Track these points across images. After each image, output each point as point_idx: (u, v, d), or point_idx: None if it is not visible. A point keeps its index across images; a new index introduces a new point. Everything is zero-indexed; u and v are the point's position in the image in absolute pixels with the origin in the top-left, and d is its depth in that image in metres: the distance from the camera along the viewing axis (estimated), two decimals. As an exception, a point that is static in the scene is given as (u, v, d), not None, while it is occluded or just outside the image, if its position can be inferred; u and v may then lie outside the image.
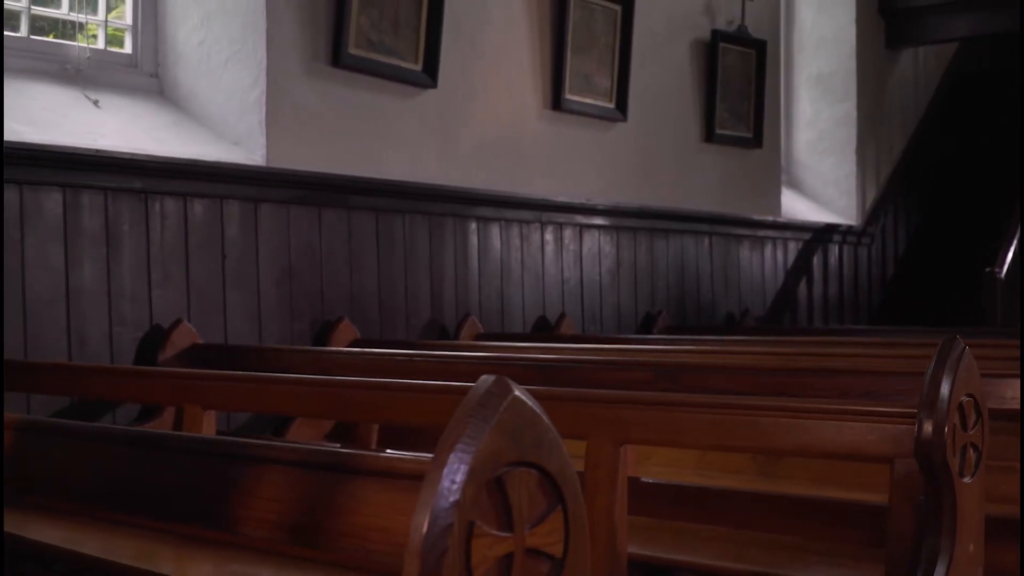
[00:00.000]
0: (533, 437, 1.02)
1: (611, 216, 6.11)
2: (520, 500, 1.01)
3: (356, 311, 4.84)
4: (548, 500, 1.04)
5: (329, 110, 4.77)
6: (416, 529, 0.94)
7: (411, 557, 0.92)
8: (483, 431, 0.97)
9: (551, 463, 1.04)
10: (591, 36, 5.93)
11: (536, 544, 1.02)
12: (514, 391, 1.02)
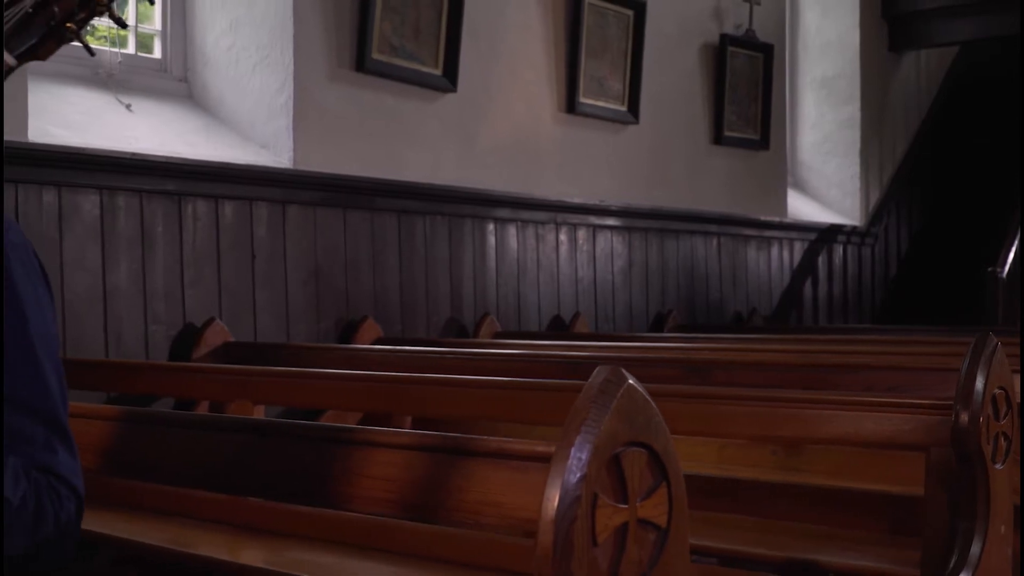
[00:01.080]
0: (643, 420, 1.15)
1: (623, 217, 6.24)
2: (633, 476, 1.13)
3: (379, 310, 4.95)
4: (655, 476, 1.16)
5: (353, 114, 4.88)
6: (549, 501, 1.05)
7: (545, 525, 1.04)
8: (603, 415, 1.10)
9: (658, 443, 1.16)
10: (604, 41, 6.05)
11: (646, 515, 1.14)
12: (628, 380, 1.14)
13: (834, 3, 8.23)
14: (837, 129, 8.26)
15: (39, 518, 1.31)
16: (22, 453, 1.32)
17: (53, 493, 1.34)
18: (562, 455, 1.07)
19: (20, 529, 1.29)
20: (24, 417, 1.34)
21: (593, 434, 1.08)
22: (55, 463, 1.36)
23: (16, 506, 1.29)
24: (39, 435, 1.35)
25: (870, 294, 8.52)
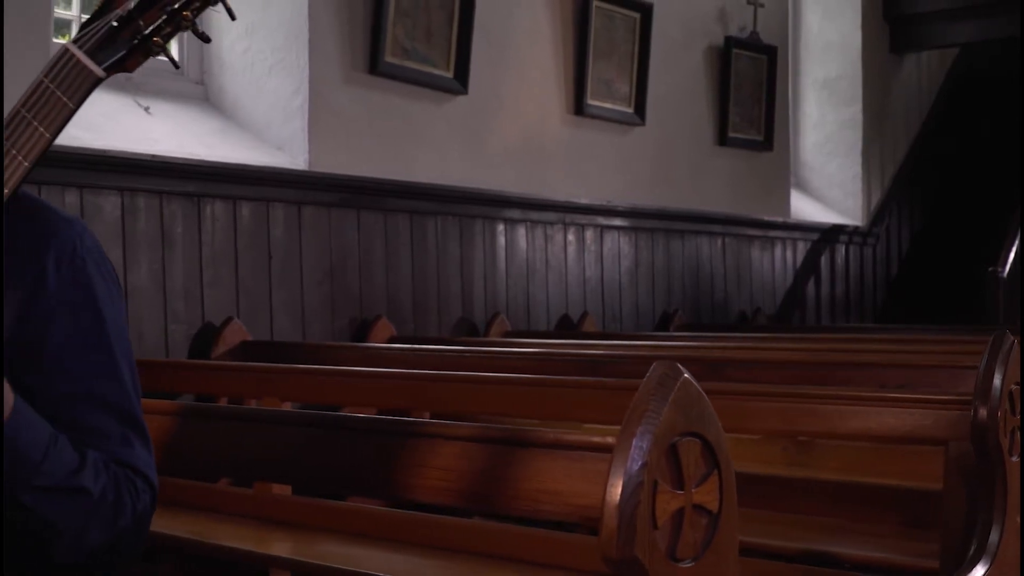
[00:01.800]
0: (697, 412, 1.22)
1: (630, 217, 6.31)
2: (688, 464, 1.21)
3: (392, 309, 5.02)
4: (707, 465, 1.24)
5: (367, 116, 4.95)
6: (613, 487, 1.13)
7: (610, 510, 1.12)
8: (662, 407, 1.17)
9: (710, 433, 1.23)
10: (612, 43, 6.13)
11: (699, 501, 1.22)
12: (683, 374, 1.21)
13: (836, 5, 8.30)
14: (839, 130, 8.34)
15: (118, 510, 1.38)
16: (100, 448, 1.39)
17: (130, 485, 1.41)
18: (625, 444, 1.15)
19: (101, 520, 1.36)
20: (102, 413, 1.41)
21: (653, 424, 1.16)
22: (131, 456, 1.42)
23: (97, 498, 1.36)
24: (116, 430, 1.42)
25: (872, 294, 8.60)
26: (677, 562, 1.20)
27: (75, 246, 1.43)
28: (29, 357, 1.36)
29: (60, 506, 1.32)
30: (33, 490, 1.29)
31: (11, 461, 1.28)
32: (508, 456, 1.41)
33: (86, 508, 1.34)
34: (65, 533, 1.33)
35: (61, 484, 1.32)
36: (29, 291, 1.37)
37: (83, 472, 1.35)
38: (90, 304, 1.42)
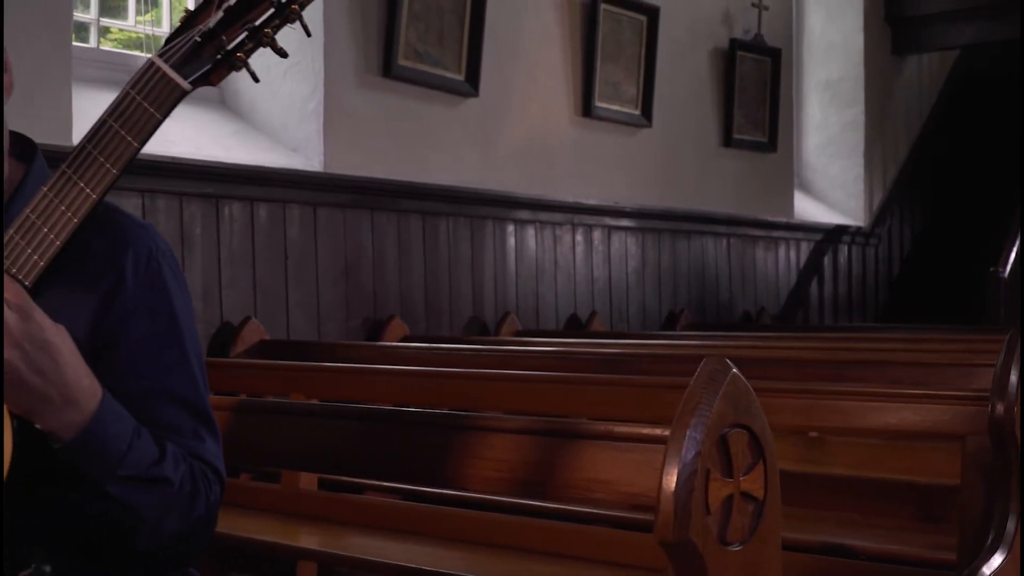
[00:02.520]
0: (745, 404, 1.30)
1: (637, 218, 6.38)
2: (737, 453, 1.28)
3: (405, 309, 5.09)
4: (753, 455, 1.31)
5: (380, 118, 5.02)
6: (668, 475, 1.20)
7: (666, 496, 1.19)
8: (713, 399, 1.25)
9: (756, 425, 1.31)
10: (619, 46, 6.20)
11: (747, 488, 1.29)
12: (732, 369, 1.29)
13: (838, 7, 8.38)
14: (841, 131, 8.42)
15: (194, 500, 1.45)
16: (174, 441, 1.46)
17: (204, 477, 1.48)
18: (679, 435, 1.22)
19: (179, 510, 1.43)
20: (176, 409, 1.48)
21: (706, 416, 1.23)
22: (203, 450, 1.50)
23: (176, 487, 1.43)
24: (188, 425, 1.49)
25: (874, 294, 8.68)
26: (726, 546, 1.28)
27: (151, 251, 1.50)
28: (108, 355, 1.43)
29: (143, 495, 1.39)
30: (119, 480, 1.36)
31: (99, 453, 1.35)
32: (560, 447, 1.49)
33: (167, 497, 1.41)
34: (147, 521, 1.40)
35: (144, 474, 1.39)
36: (108, 293, 1.45)
37: (164, 463, 1.42)
38: (165, 306, 1.49)
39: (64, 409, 1.32)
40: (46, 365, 1.30)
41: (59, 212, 1.32)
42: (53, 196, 1.33)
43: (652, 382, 2.57)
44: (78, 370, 1.33)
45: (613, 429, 1.47)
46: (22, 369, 1.28)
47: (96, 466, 1.35)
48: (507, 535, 2.58)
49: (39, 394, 1.30)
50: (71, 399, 1.32)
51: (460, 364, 3.71)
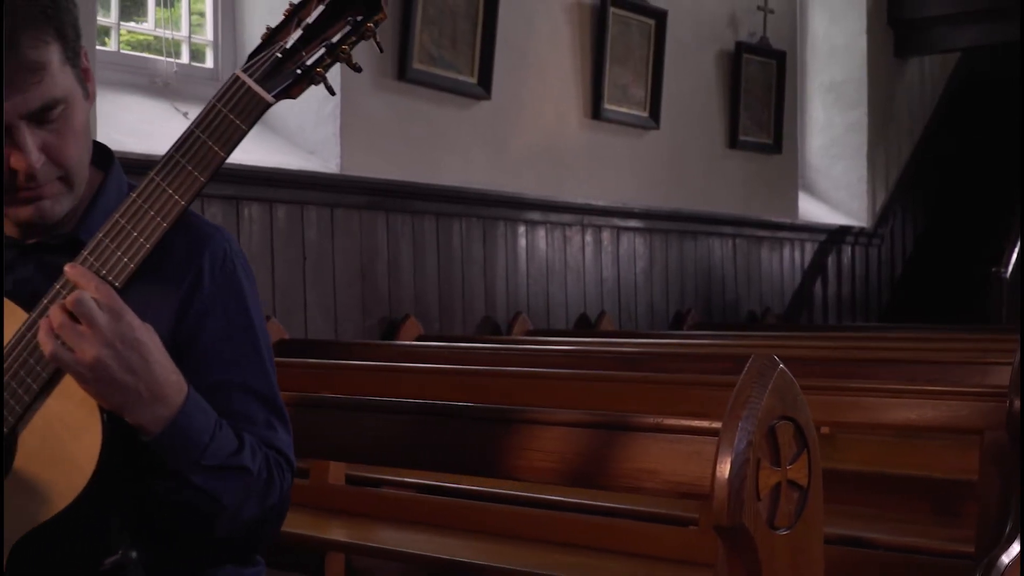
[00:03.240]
0: (791, 398, 1.38)
1: (645, 219, 6.47)
2: (784, 444, 1.37)
3: (419, 308, 5.17)
4: (798, 445, 1.40)
5: (395, 121, 5.10)
6: (722, 464, 1.29)
7: (720, 484, 1.27)
8: (763, 393, 1.33)
9: (800, 417, 1.39)
10: (628, 49, 6.28)
11: (793, 477, 1.38)
12: (779, 365, 1.37)
13: (842, 10, 8.47)
14: (844, 133, 8.50)
15: (269, 487, 1.53)
16: (248, 431, 1.54)
17: (277, 465, 1.56)
18: (731, 426, 1.31)
19: (256, 497, 1.51)
20: (250, 400, 1.56)
21: (756, 409, 1.32)
22: (276, 439, 1.57)
23: (255, 475, 1.51)
24: (261, 415, 1.56)
25: (876, 294, 8.76)
26: (775, 530, 1.36)
27: (226, 251, 1.59)
28: (187, 351, 1.50)
29: (224, 484, 1.47)
30: (202, 470, 1.44)
31: (184, 445, 1.42)
32: (610, 439, 1.57)
33: (246, 485, 1.49)
34: (228, 508, 1.48)
35: (225, 464, 1.47)
36: (187, 291, 1.52)
37: (243, 453, 1.50)
38: (240, 303, 1.58)
39: (153, 405, 1.40)
40: (136, 363, 1.37)
41: (148, 217, 1.40)
42: (142, 202, 1.41)
43: (695, 380, 2.66)
44: (165, 367, 1.41)
45: (663, 421, 1.55)
46: (114, 367, 1.36)
47: (181, 457, 1.43)
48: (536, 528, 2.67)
49: (130, 391, 1.38)
50: (159, 395, 1.40)
51: (481, 363, 3.78)
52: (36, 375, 1.37)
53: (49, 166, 1.47)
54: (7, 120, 1.43)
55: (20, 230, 1.54)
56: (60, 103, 1.47)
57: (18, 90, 1.42)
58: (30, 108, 1.44)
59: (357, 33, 1.42)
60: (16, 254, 1.54)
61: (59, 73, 1.46)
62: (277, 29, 1.43)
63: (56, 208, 1.51)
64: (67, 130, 1.49)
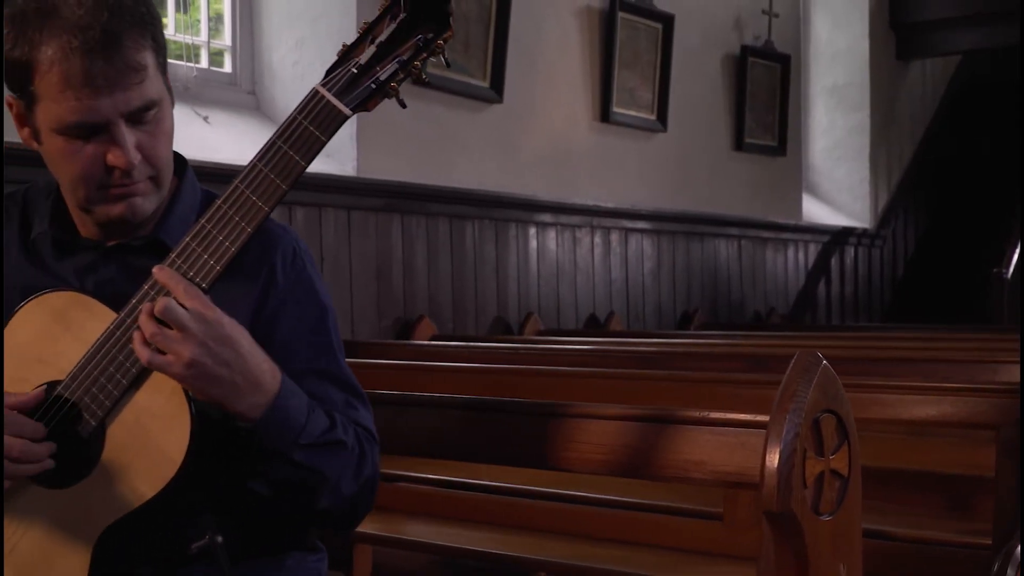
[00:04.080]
0: (834, 392, 1.47)
1: (653, 220, 6.55)
2: (827, 435, 1.45)
3: (433, 309, 5.26)
4: (839, 437, 1.48)
5: (409, 124, 5.18)
6: (771, 454, 1.37)
7: (770, 472, 1.36)
8: (808, 388, 1.42)
9: (842, 410, 1.48)
10: (636, 53, 6.37)
11: (835, 467, 1.46)
12: (823, 362, 1.46)
13: (844, 14, 8.56)
14: (847, 135, 8.59)
15: (362, 460, 1.61)
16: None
17: (366, 439, 1.64)
18: (779, 419, 1.39)
19: (353, 469, 1.59)
20: (327, 384, 1.64)
21: (802, 402, 1.40)
22: (358, 416, 1.66)
23: (350, 449, 1.60)
24: (339, 397, 1.65)
25: (879, 294, 8.86)
26: (819, 515, 1.45)
27: (295, 249, 1.68)
28: (265, 342, 1.59)
29: (324, 458, 1.56)
30: (302, 448, 1.53)
31: (283, 426, 1.51)
32: (657, 432, 1.65)
33: (344, 458, 1.58)
34: (330, 480, 1.57)
35: (321, 440, 1.56)
36: (262, 288, 1.61)
37: (336, 428, 1.59)
38: (311, 295, 1.67)
39: (251, 393, 1.48)
40: (230, 357, 1.46)
41: (234, 222, 1.49)
42: (227, 208, 1.50)
43: (723, 379, 2.76)
44: (257, 357, 1.50)
45: (708, 415, 1.63)
46: (209, 364, 1.44)
47: (280, 440, 1.51)
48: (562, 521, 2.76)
49: (227, 384, 1.46)
50: (256, 383, 1.48)
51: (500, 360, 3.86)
52: (125, 371, 1.45)
53: (143, 165, 1.56)
54: (108, 117, 1.51)
55: (102, 231, 1.62)
56: (155, 105, 1.56)
57: (121, 88, 1.50)
58: (131, 107, 1.52)
59: (427, 50, 1.51)
60: (98, 255, 1.62)
61: (154, 77, 1.55)
62: (352, 46, 1.52)
63: (145, 206, 1.59)
64: (159, 132, 1.58)
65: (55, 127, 1.53)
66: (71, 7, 1.49)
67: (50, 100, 1.51)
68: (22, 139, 1.63)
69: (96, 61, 1.48)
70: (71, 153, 1.54)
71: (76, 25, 1.48)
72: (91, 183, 1.55)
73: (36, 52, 1.50)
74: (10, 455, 1.43)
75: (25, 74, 1.52)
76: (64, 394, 1.47)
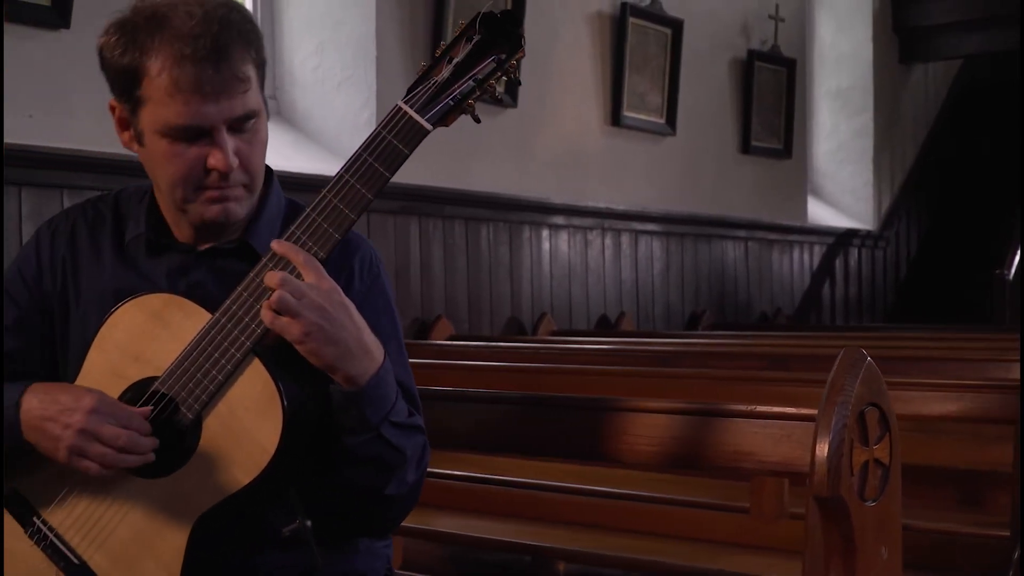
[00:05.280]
0: (877, 387, 1.57)
1: (662, 223, 6.66)
2: (871, 427, 1.56)
3: (450, 309, 5.36)
4: (882, 428, 1.59)
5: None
6: (821, 444, 1.48)
7: (820, 461, 1.47)
8: (854, 382, 1.52)
9: (883, 404, 1.58)
10: (645, 58, 6.47)
11: (878, 456, 1.57)
12: (867, 359, 1.56)
13: (848, 18, 8.66)
14: (851, 138, 8.69)
15: (424, 456, 1.71)
16: None
17: (424, 445, 1.74)
18: (828, 411, 1.50)
19: (417, 461, 1.68)
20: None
21: (849, 396, 1.51)
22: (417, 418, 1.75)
23: (423, 439, 1.69)
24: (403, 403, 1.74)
25: (882, 295, 8.96)
26: (864, 501, 1.56)
27: (372, 256, 1.78)
28: None
29: (406, 439, 1.65)
30: (391, 425, 1.62)
31: (380, 398, 1.60)
32: (706, 425, 1.76)
33: (416, 443, 1.68)
34: (409, 461, 1.65)
35: (405, 422, 1.66)
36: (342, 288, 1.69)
37: (414, 415, 1.68)
38: (385, 302, 1.77)
39: (362, 359, 1.58)
40: (346, 321, 1.56)
41: (323, 230, 1.59)
42: (316, 215, 1.60)
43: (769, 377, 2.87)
44: (366, 327, 1.59)
45: (756, 408, 1.74)
46: (326, 327, 1.53)
47: (377, 411, 1.60)
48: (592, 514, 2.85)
49: (342, 347, 1.55)
50: (366, 350, 1.58)
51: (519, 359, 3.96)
52: (221, 367, 1.55)
53: (239, 171, 1.65)
54: (213, 122, 1.60)
55: (195, 234, 1.71)
56: (255, 115, 1.65)
57: (227, 97, 1.60)
58: (234, 114, 1.61)
59: (501, 69, 1.60)
60: (190, 258, 1.71)
61: (255, 90, 1.64)
62: (431, 66, 1.62)
63: (239, 211, 1.68)
64: (256, 141, 1.68)
65: (160, 129, 1.61)
66: (182, 18, 1.58)
67: (158, 104, 1.59)
68: (121, 142, 1.72)
69: (206, 69, 1.57)
70: (174, 155, 1.62)
71: (188, 34, 1.56)
72: (190, 184, 1.63)
73: (147, 58, 1.58)
74: (116, 444, 1.52)
75: (133, 79, 1.61)
76: (161, 389, 1.56)
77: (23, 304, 1.74)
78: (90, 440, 1.53)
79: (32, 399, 1.58)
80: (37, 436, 1.57)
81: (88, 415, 1.53)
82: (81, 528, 1.59)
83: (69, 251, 1.75)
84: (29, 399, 1.59)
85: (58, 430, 1.54)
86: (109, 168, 4.19)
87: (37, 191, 4.05)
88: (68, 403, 1.55)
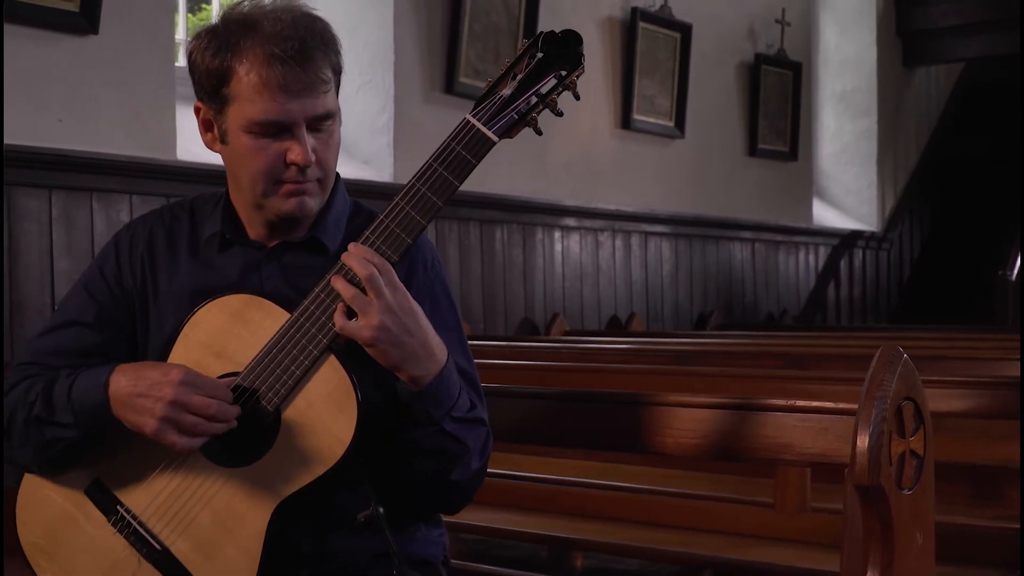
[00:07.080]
0: (913, 382, 1.67)
1: (670, 224, 6.76)
2: (907, 420, 1.66)
3: (465, 309, 5.45)
4: (916, 421, 1.69)
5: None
6: (862, 436, 1.58)
7: (861, 451, 1.56)
8: (892, 378, 1.62)
9: (918, 398, 1.69)
10: (655, 62, 6.57)
11: (913, 447, 1.67)
12: (904, 355, 1.66)
13: (852, 22, 8.76)
14: (855, 140, 8.79)
15: (487, 445, 1.79)
16: None
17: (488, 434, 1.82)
18: (868, 405, 1.60)
19: (479, 451, 1.76)
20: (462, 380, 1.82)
21: (888, 391, 1.61)
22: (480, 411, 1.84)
23: (486, 430, 1.78)
24: (466, 392, 1.83)
25: (886, 296, 9.06)
26: (901, 490, 1.66)
27: (433, 255, 1.88)
28: None
29: (467, 431, 1.74)
30: (453, 420, 1.71)
31: (444, 395, 1.69)
32: (746, 418, 1.85)
33: (478, 435, 1.77)
34: (471, 451, 1.74)
35: (467, 416, 1.74)
36: (404, 282, 1.78)
37: (476, 409, 1.78)
38: (447, 295, 1.86)
39: (427, 360, 1.67)
40: (413, 326, 1.65)
41: (396, 235, 1.68)
42: (389, 221, 1.69)
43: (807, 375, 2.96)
44: (432, 330, 1.68)
45: (795, 403, 1.84)
46: (394, 330, 1.63)
47: (439, 408, 1.69)
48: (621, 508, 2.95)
49: (408, 350, 1.64)
50: (430, 353, 1.67)
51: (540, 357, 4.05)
52: (300, 363, 1.64)
53: (315, 167, 1.75)
54: (295, 119, 1.70)
55: (268, 231, 1.81)
56: (332, 116, 1.76)
57: (310, 96, 1.70)
58: (315, 113, 1.72)
59: (563, 85, 1.70)
60: (262, 255, 1.81)
61: (333, 93, 1.74)
62: (497, 82, 1.72)
63: (312, 205, 1.78)
64: (331, 142, 1.78)
65: (244, 126, 1.71)
66: (271, 22, 1.69)
67: (244, 101, 1.69)
68: (204, 143, 1.82)
69: (293, 68, 1.67)
70: (257, 150, 1.72)
71: (277, 36, 1.68)
72: (269, 178, 1.73)
73: (237, 59, 1.69)
74: (207, 412, 1.62)
75: (222, 79, 1.71)
76: (242, 384, 1.66)
77: (105, 301, 1.83)
78: (181, 411, 1.62)
79: (120, 378, 1.67)
80: (127, 412, 1.66)
81: (178, 387, 1.62)
82: (164, 516, 1.69)
83: (147, 251, 1.85)
84: (117, 378, 1.68)
85: (149, 403, 1.63)
86: (136, 172, 4.30)
87: (66, 194, 4.13)
88: (157, 377, 1.64)
